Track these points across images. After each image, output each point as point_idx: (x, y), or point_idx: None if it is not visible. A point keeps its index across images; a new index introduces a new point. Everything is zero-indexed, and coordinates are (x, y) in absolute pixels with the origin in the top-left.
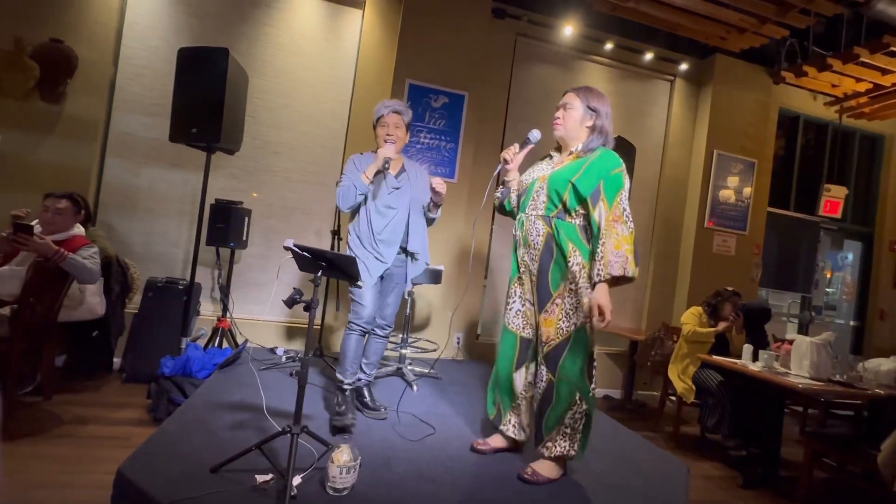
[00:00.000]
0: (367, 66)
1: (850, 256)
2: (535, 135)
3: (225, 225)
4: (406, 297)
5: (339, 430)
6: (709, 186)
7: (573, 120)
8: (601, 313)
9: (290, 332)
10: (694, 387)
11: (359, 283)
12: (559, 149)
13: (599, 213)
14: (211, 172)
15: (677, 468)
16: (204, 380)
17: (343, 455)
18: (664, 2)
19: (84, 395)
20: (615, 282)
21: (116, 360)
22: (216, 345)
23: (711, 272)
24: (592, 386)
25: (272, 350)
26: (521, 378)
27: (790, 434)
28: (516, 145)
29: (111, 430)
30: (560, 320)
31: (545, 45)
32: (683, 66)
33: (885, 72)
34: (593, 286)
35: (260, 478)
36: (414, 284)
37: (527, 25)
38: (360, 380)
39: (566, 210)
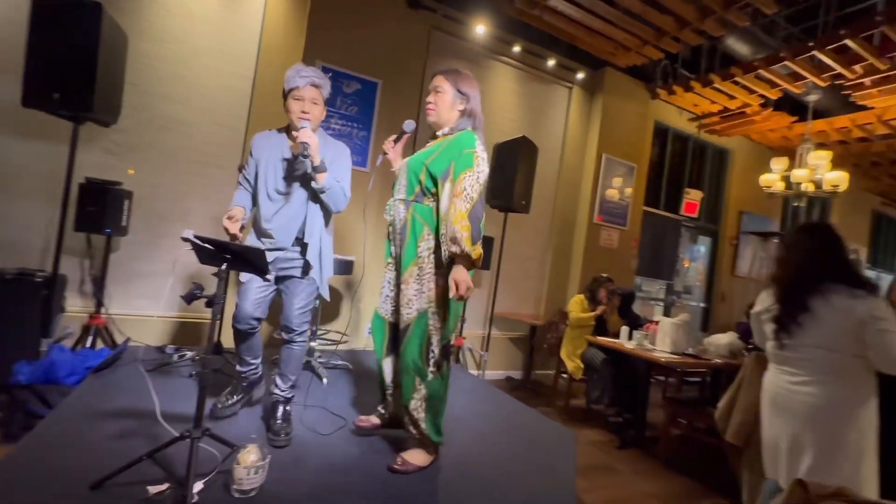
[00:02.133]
0: (273, 42)
1: (703, 249)
2: (409, 125)
3: (98, 208)
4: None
5: (216, 418)
6: (598, 186)
7: (444, 104)
8: (458, 288)
9: (183, 329)
10: (582, 364)
11: (267, 276)
12: (434, 136)
13: (447, 192)
14: (81, 146)
15: (567, 437)
16: (74, 386)
17: (250, 455)
18: (564, 14)
19: None
20: (469, 263)
21: None
22: (88, 345)
23: (598, 263)
24: (431, 370)
25: (161, 349)
26: (388, 367)
27: (655, 400)
28: (393, 136)
29: None
30: (403, 307)
31: (458, 41)
32: (580, 76)
33: (731, 97)
34: (449, 265)
35: (153, 489)
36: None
37: (441, 20)
38: (274, 393)
39: (423, 192)
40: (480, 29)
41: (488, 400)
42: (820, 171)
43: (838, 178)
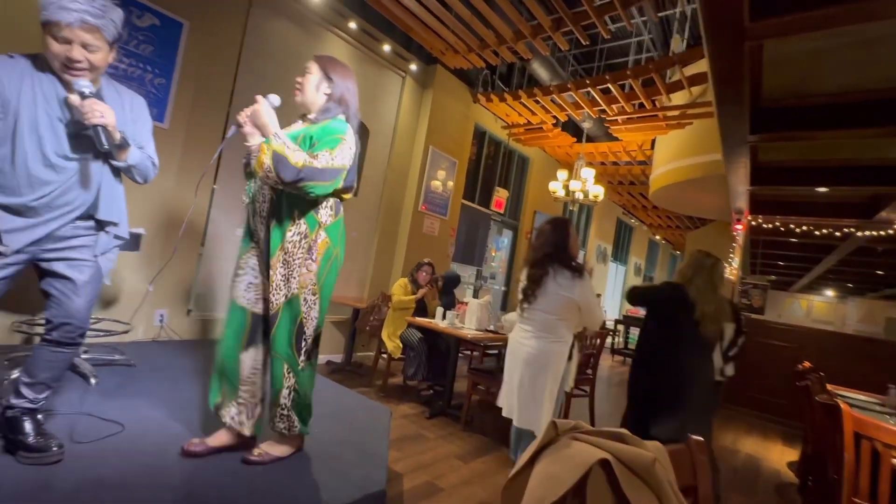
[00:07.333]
0: None
1: (506, 241)
2: (273, 99)
3: None
4: None
5: None
6: (424, 176)
7: (310, 84)
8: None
9: None
10: (401, 344)
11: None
12: (304, 118)
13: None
14: None
15: (383, 414)
16: None
17: None
18: (401, 2)
19: None
20: (269, 163)
21: None
22: None
23: (421, 248)
24: (302, 359)
25: None
26: (248, 360)
27: (462, 372)
28: (249, 108)
29: None
30: (271, 294)
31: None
32: (413, 67)
33: (533, 113)
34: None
35: None
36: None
37: None
38: (11, 408)
39: None
40: None
41: None
42: (587, 184)
43: (598, 191)
